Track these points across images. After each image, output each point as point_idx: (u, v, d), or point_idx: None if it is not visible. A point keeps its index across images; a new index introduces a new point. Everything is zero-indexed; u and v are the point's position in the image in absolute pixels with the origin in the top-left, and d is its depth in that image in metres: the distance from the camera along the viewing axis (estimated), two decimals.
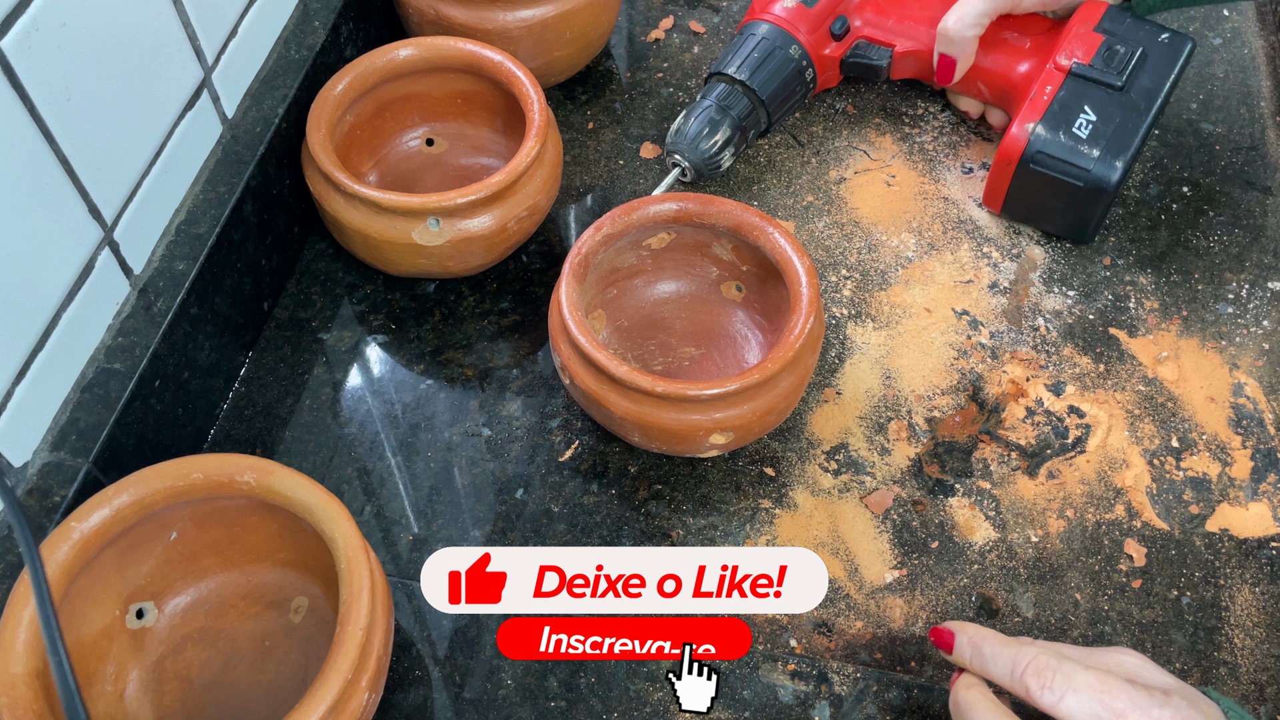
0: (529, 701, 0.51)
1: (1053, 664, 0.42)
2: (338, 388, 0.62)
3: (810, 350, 0.54)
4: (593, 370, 0.53)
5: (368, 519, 0.57)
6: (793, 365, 0.53)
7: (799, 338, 0.53)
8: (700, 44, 0.80)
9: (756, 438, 0.57)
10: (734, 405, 0.52)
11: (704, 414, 0.52)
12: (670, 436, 0.53)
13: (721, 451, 0.56)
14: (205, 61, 0.58)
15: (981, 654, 0.45)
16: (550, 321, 0.56)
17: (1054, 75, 0.65)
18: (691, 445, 0.54)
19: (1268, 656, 0.53)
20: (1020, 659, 0.43)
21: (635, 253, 0.61)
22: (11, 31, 0.43)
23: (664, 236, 0.60)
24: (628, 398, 0.53)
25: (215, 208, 0.58)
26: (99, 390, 0.51)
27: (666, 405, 0.52)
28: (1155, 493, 0.58)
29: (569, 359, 0.54)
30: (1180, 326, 0.65)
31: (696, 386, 0.51)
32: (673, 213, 0.58)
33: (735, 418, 0.53)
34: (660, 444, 0.55)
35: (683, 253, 0.62)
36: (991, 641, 0.45)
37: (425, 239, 0.59)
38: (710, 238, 0.60)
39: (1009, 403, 0.62)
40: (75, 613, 0.45)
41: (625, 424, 0.54)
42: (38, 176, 0.46)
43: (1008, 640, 0.45)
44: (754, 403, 0.53)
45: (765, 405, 0.53)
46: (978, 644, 0.46)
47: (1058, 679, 0.42)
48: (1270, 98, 0.76)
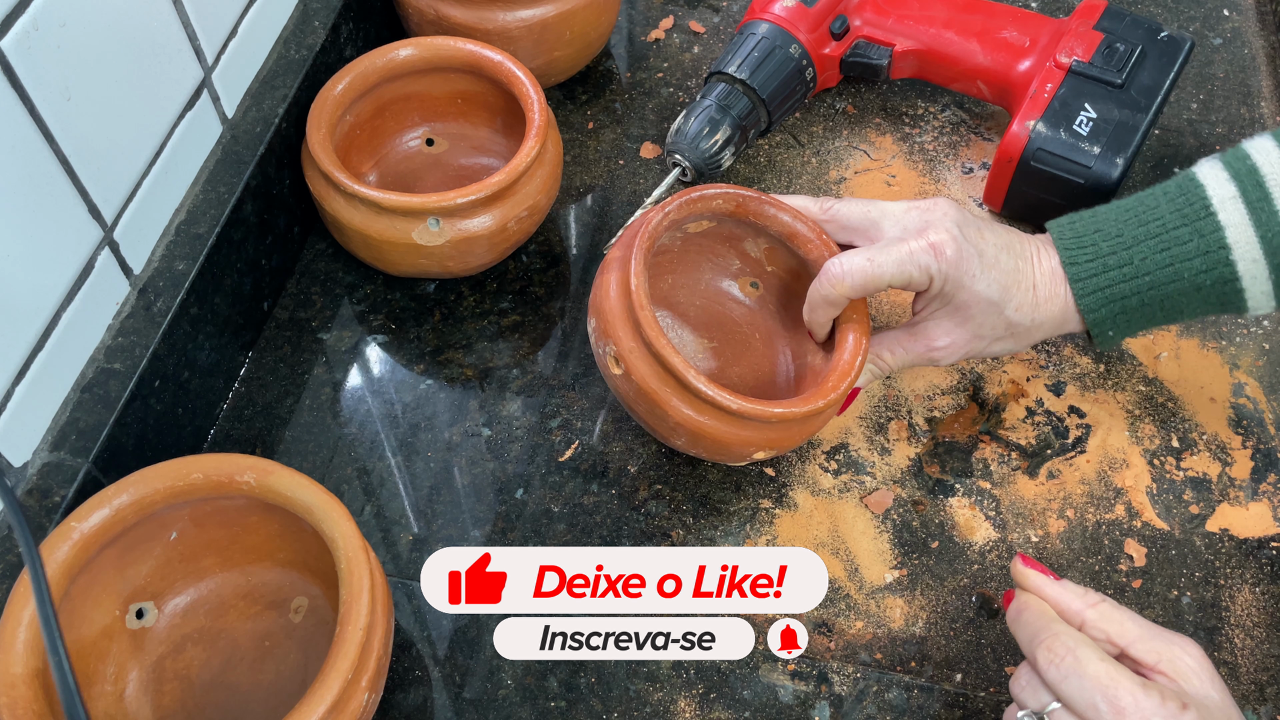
0: (529, 701, 0.51)
1: (1069, 645, 0.42)
2: (338, 388, 0.62)
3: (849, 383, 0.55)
4: (658, 369, 0.51)
5: (368, 519, 0.57)
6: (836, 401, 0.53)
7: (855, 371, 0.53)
8: (700, 44, 0.80)
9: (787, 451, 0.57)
10: (785, 426, 0.52)
11: (761, 432, 0.51)
12: (719, 448, 0.52)
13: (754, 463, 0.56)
14: (205, 61, 0.58)
15: (1020, 619, 0.46)
16: (600, 305, 0.53)
17: (1054, 73, 0.65)
18: (734, 456, 0.54)
19: (1268, 656, 0.53)
20: (1044, 632, 0.43)
21: (671, 235, 0.59)
22: (11, 31, 0.43)
23: (705, 223, 0.59)
24: (693, 406, 0.50)
25: (215, 208, 0.58)
26: (99, 390, 0.51)
27: (733, 421, 0.51)
28: (1155, 493, 0.58)
29: (629, 351, 0.51)
30: (1180, 326, 0.65)
31: (766, 407, 0.50)
32: (733, 206, 0.56)
33: (786, 437, 0.52)
34: (704, 451, 0.53)
35: (714, 241, 0.60)
36: (1033, 611, 0.45)
37: (425, 239, 0.59)
38: (750, 234, 0.59)
39: (1009, 403, 0.62)
40: (75, 613, 0.45)
41: (678, 429, 0.51)
42: (38, 176, 0.46)
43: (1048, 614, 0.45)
44: (802, 426, 0.53)
45: (808, 429, 0.53)
46: (1021, 609, 0.46)
47: (1068, 660, 0.42)
48: (1270, 98, 0.76)
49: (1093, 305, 0.52)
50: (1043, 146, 0.63)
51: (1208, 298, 0.51)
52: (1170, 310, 0.52)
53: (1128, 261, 0.51)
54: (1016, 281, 0.52)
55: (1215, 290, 0.51)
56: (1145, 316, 0.53)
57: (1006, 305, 0.52)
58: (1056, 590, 0.46)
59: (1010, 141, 0.64)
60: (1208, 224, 0.50)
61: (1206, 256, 0.50)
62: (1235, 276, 0.50)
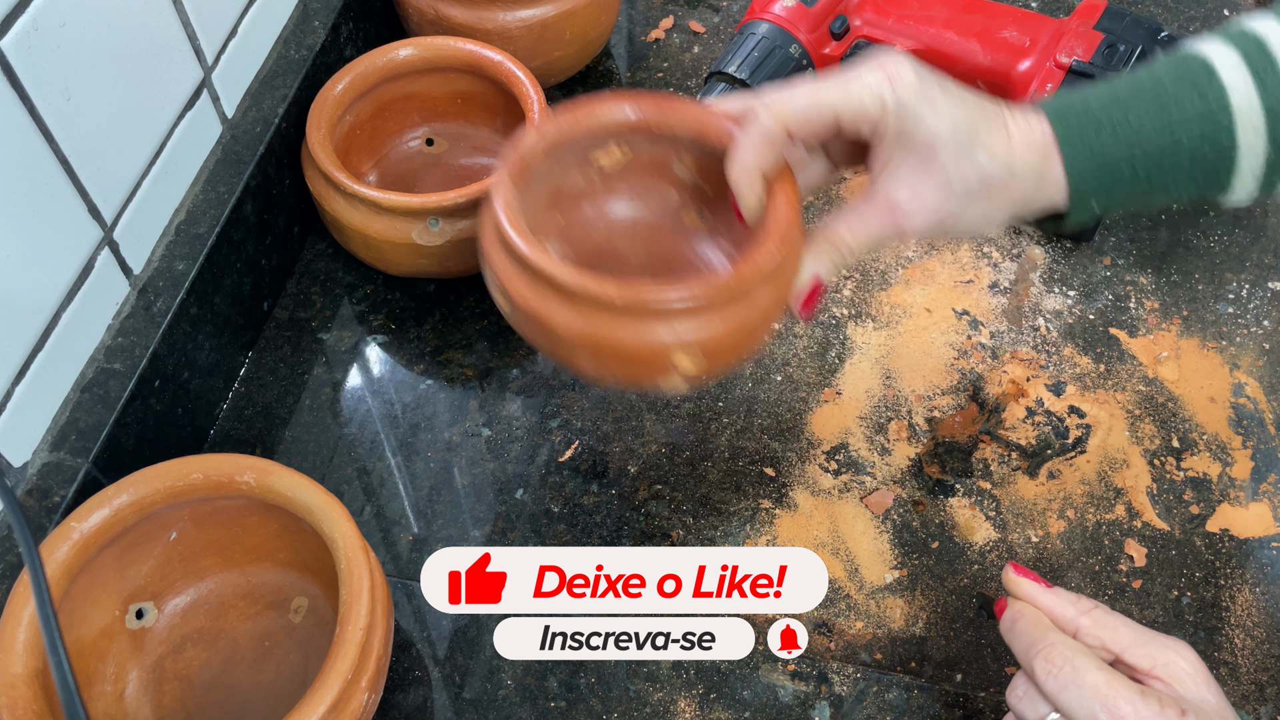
0: (529, 701, 0.51)
1: (1066, 654, 0.42)
2: (338, 388, 0.62)
3: (791, 263, 0.47)
4: (535, 282, 0.45)
5: (368, 519, 0.57)
6: (773, 277, 0.45)
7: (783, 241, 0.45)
8: (700, 44, 0.80)
9: (727, 369, 0.51)
10: (703, 317, 0.44)
11: (668, 327, 0.44)
12: (628, 359, 0.45)
13: (688, 385, 0.48)
14: (205, 61, 0.58)
15: (1014, 629, 0.45)
16: (482, 241, 0.48)
17: (1054, 73, 0.65)
18: (652, 371, 0.46)
19: (1268, 656, 0.53)
20: (1040, 642, 0.43)
21: (583, 172, 0.52)
22: (11, 31, 0.43)
23: (617, 155, 0.52)
24: (577, 311, 0.44)
25: (215, 208, 0.58)
26: (99, 390, 0.51)
27: (625, 318, 0.44)
28: (1155, 493, 0.58)
29: (507, 276, 0.46)
30: (1180, 326, 0.65)
31: (659, 292, 0.43)
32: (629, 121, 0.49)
33: (705, 335, 0.44)
34: (616, 370, 0.46)
35: (639, 175, 0.53)
36: (1027, 620, 0.45)
37: (425, 239, 0.59)
38: (670, 152, 0.52)
39: (1009, 403, 0.62)
40: (75, 613, 0.45)
41: (575, 347, 0.45)
42: (38, 176, 0.46)
43: (1043, 623, 0.45)
44: (726, 315, 0.45)
45: (739, 321, 0.45)
46: (1015, 618, 0.45)
47: (1065, 670, 0.42)
48: None
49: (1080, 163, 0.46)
50: None
51: (1197, 172, 0.46)
52: (1156, 184, 0.46)
53: (1122, 121, 0.45)
54: (986, 119, 0.45)
55: (1209, 163, 0.45)
56: (1130, 187, 0.46)
57: (976, 146, 0.45)
58: (1049, 598, 0.46)
59: None
60: (1211, 86, 0.45)
61: (1207, 120, 0.45)
62: (1234, 145, 0.45)
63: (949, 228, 0.47)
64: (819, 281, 0.48)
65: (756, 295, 0.45)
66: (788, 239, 0.45)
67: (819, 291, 0.48)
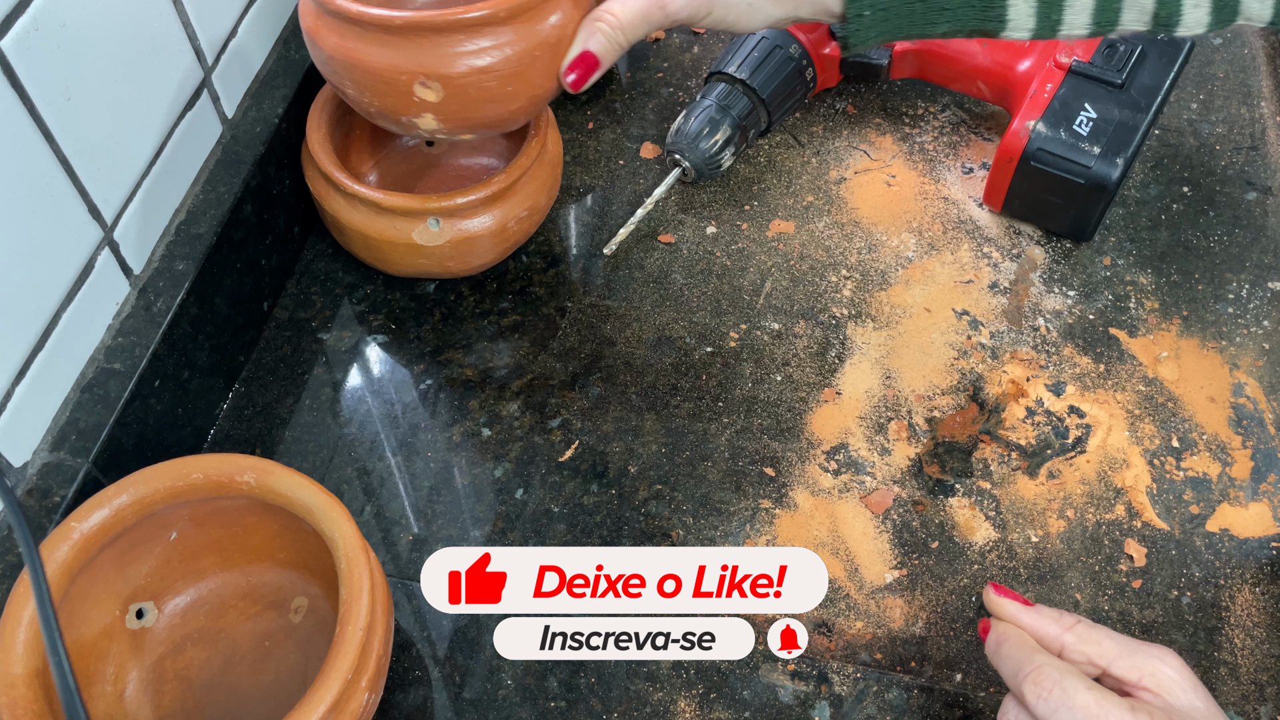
0: (529, 701, 0.51)
1: (1055, 676, 0.42)
2: (338, 388, 0.62)
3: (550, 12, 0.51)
4: (319, 12, 0.51)
5: (368, 519, 0.57)
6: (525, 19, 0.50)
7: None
8: (700, 44, 0.80)
9: (477, 122, 0.54)
10: (441, 47, 0.49)
11: (406, 54, 0.49)
12: (376, 82, 0.51)
13: (435, 123, 0.52)
14: (205, 61, 0.58)
15: (1000, 652, 0.45)
16: None
17: (1054, 73, 0.65)
18: (400, 99, 0.51)
19: (1268, 656, 0.53)
20: (1027, 664, 0.43)
21: None
22: (11, 31, 0.43)
23: None
24: (339, 33, 0.50)
25: (215, 208, 0.58)
26: (99, 390, 0.51)
27: (370, 38, 0.49)
28: (1155, 493, 0.58)
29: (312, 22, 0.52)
30: (1180, 326, 0.65)
31: (401, 14, 0.48)
32: None
33: (442, 65, 0.49)
34: (371, 97, 0.52)
35: None
36: (1012, 642, 0.45)
37: (425, 239, 0.59)
38: None
39: (1009, 403, 0.62)
40: (75, 613, 0.45)
41: (338, 68, 0.52)
42: (38, 176, 0.46)
43: (1028, 644, 0.45)
44: (465, 51, 0.49)
45: (481, 63, 0.50)
46: (1000, 640, 0.45)
47: (1055, 692, 0.42)
48: (1270, 98, 0.76)
49: None
50: (1043, 146, 0.63)
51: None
52: (932, 7, 0.47)
53: None
54: None
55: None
56: (905, 8, 0.47)
57: None
58: (1032, 617, 0.46)
59: (1010, 141, 0.64)
60: None
61: None
62: None
63: (714, 11, 0.49)
64: (590, 55, 0.52)
65: (501, 32, 0.49)
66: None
67: (591, 67, 0.52)
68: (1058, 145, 0.63)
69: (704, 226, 0.69)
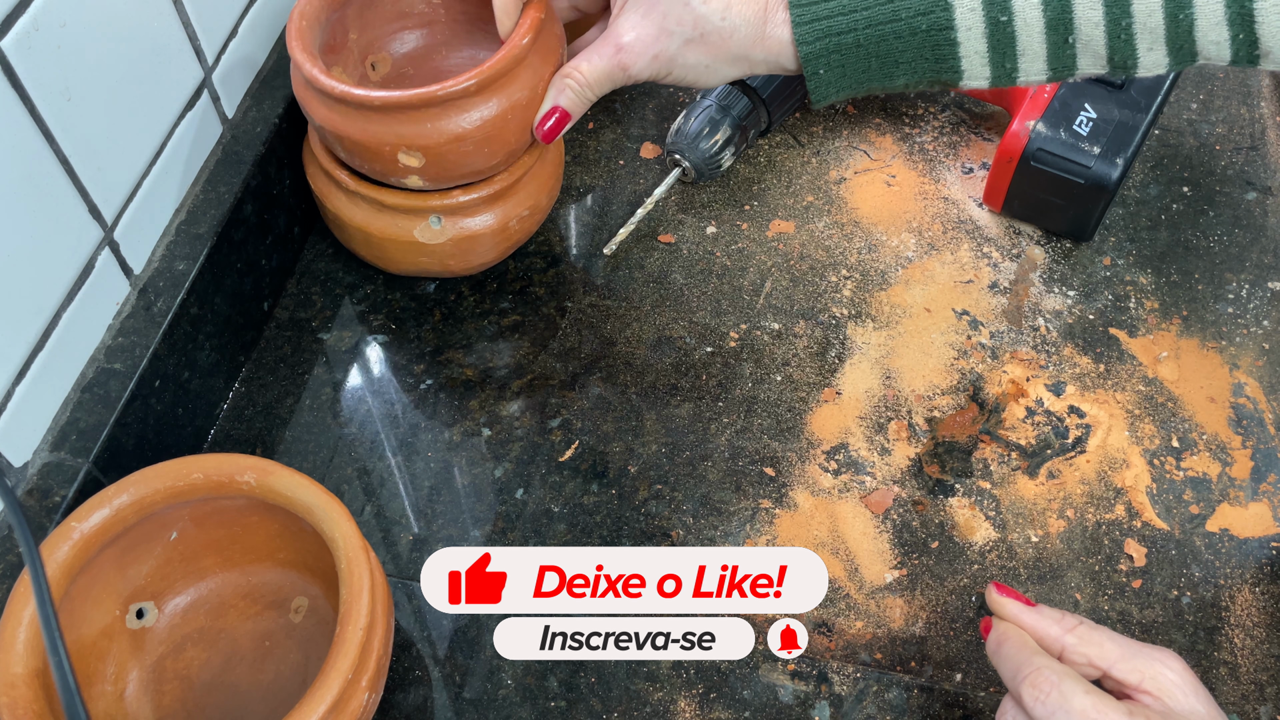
0: (529, 701, 0.51)
1: (1053, 679, 0.42)
2: (338, 388, 0.62)
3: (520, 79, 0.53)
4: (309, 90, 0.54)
5: (368, 519, 0.57)
6: (495, 88, 0.52)
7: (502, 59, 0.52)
8: None
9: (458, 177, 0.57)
10: (419, 121, 0.52)
11: (387, 126, 0.53)
12: (362, 150, 0.54)
13: (420, 182, 0.56)
14: (205, 61, 0.58)
15: (1000, 652, 0.45)
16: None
17: None
18: (384, 163, 0.55)
19: (1268, 656, 0.53)
20: (1026, 666, 0.43)
21: None
22: (11, 31, 0.43)
23: None
24: (329, 107, 0.54)
25: (215, 208, 0.58)
26: (99, 390, 0.51)
27: (354, 114, 0.53)
28: (1155, 493, 0.58)
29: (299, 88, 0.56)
30: (1180, 326, 0.65)
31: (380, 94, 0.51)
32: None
33: (422, 137, 0.53)
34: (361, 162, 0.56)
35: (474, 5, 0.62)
36: (1012, 643, 0.45)
37: (427, 237, 0.59)
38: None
39: (1009, 403, 0.62)
40: (75, 613, 0.45)
41: (329, 138, 0.55)
42: (38, 176, 0.46)
43: (1028, 646, 0.45)
44: (442, 123, 0.52)
45: (457, 130, 0.53)
46: (1001, 641, 0.45)
47: (1053, 695, 0.42)
48: (1270, 98, 0.76)
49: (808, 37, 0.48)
50: (1043, 146, 0.63)
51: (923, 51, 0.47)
52: (886, 62, 0.48)
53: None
54: None
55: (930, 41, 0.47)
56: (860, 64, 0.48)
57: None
58: (1033, 617, 0.46)
59: (1010, 141, 0.64)
60: None
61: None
62: (951, 25, 0.46)
63: (673, 73, 0.51)
64: (560, 110, 0.55)
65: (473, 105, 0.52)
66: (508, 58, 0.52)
67: (562, 121, 0.55)
68: (1058, 145, 0.63)
69: (704, 226, 0.69)
